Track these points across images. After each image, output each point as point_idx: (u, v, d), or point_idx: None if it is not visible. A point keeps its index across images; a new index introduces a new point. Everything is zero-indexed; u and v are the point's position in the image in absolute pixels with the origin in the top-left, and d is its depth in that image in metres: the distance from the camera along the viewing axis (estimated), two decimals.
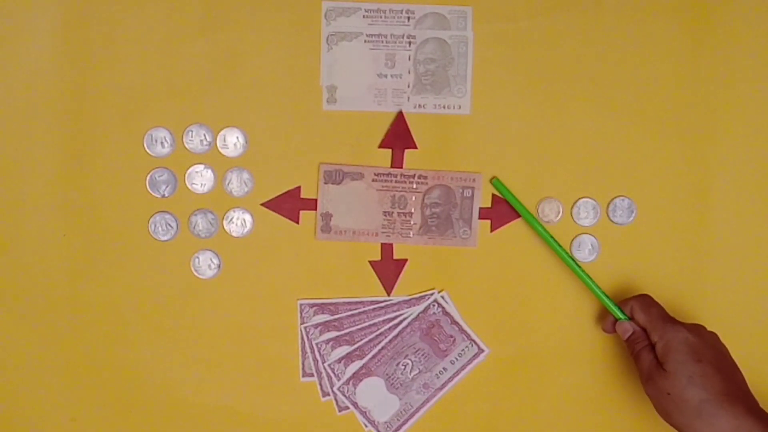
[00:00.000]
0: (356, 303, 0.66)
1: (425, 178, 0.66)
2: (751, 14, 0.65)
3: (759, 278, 0.66)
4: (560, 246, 0.64)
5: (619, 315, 0.61)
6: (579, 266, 0.63)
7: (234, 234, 0.66)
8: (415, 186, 0.66)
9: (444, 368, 0.67)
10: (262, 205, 0.66)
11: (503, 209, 0.66)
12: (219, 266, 0.66)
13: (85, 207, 0.65)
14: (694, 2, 0.65)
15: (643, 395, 0.65)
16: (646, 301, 0.60)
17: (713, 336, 0.57)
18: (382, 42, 0.65)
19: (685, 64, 0.65)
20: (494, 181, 0.65)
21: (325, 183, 0.66)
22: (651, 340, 0.58)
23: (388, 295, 0.66)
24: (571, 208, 0.66)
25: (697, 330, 0.57)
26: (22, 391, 0.66)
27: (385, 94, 0.66)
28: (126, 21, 0.64)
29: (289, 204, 0.66)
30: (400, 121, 0.65)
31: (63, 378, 0.66)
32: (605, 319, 0.63)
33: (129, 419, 0.66)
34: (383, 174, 0.66)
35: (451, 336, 0.66)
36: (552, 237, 0.64)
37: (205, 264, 0.66)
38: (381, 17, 0.65)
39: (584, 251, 0.66)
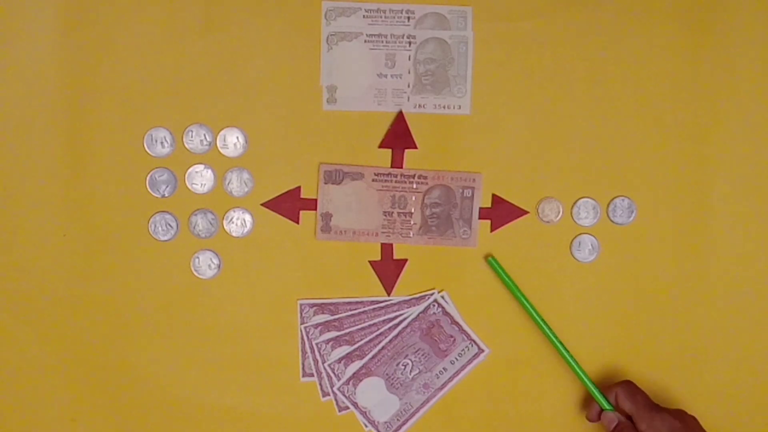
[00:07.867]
0: (356, 303, 0.66)
1: (425, 178, 0.66)
2: (751, 14, 0.65)
3: (759, 278, 0.66)
4: (549, 328, 0.64)
5: (605, 405, 0.62)
6: (567, 351, 0.63)
7: (234, 234, 0.66)
8: (415, 186, 0.66)
9: (444, 368, 0.67)
10: (262, 205, 0.66)
11: (503, 209, 0.66)
12: (219, 266, 0.66)
13: (85, 207, 0.65)
14: (694, 2, 0.65)
15: None
16: (630, 388, 0.61)
17: (694, 420, 0.59)
18: (382, 42, 0.65)
19: (685, 64, 0.65)
20: (489, 259, 0.65)
21: (325, 183, 0.66)
22: (638, 428, 0.59)
23: (388, 295, 0.66)
24: (571, 208, 0.66)
25: (681, 416, 0.59)
26: (22, 391, 0.66)
27: (385, 94, 0.66)
28: (126, 21, 0.64)
29: (289, 204, 0.66)
30: (400, 121, 0.65)
31: (63, 378, 0.66)
32: (590, 408, 0.63)
33: (129, 419, 0.66)
34: (383, 174, 0.66)
35: (451, 336, 0.66)
36: (540, 316, 0.64)
37: (205, 264, 0.66)
38: (381, 17, 0.65)
39: (584, 251, 0.66)
